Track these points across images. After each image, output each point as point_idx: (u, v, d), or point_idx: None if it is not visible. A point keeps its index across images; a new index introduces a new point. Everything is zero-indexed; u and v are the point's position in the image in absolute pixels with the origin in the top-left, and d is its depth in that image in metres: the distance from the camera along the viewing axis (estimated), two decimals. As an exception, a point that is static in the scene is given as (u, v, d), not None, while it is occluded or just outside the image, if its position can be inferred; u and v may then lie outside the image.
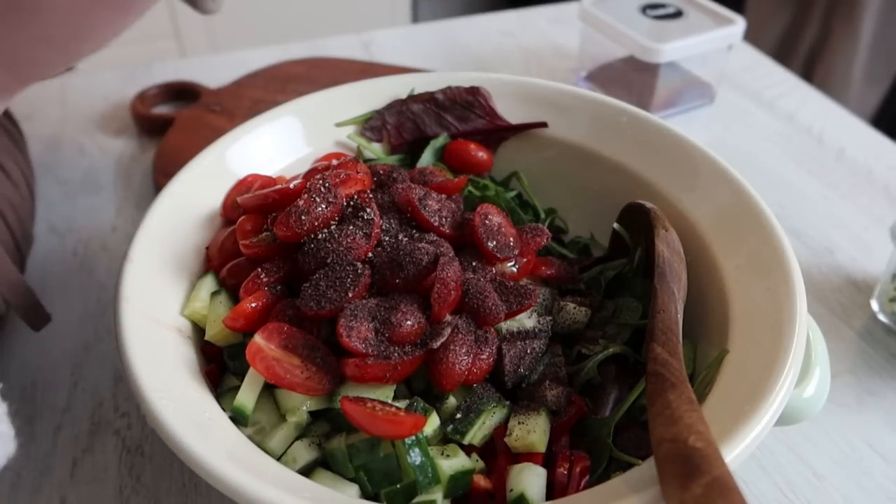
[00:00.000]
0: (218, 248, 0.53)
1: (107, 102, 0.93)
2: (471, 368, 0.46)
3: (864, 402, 0.60)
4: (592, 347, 0.51)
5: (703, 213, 0.54)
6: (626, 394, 0.47)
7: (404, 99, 0.63)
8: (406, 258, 0.47)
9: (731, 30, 0.88)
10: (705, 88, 0.95)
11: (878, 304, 0.67)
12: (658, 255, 0.49)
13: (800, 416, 0.45)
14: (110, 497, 0.53)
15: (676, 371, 0.42)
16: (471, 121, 0.63)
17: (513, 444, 0.45)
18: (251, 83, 0.92)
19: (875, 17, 1.69)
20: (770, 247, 0.48)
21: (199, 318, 0.50)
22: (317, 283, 0.46)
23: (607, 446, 0.45)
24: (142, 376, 0.41)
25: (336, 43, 1.06)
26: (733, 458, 0.37)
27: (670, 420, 0.37)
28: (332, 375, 0.45)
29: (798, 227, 0.77)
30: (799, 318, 0.44)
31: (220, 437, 0.41)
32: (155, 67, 1.00)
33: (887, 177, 0.84)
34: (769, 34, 1.82)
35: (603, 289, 0.55)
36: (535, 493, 0.42)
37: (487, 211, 0.52)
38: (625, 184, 0.59)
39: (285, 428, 0.45)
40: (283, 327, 0.45)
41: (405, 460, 0.42)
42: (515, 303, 0.48)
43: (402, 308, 0.45)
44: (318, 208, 0.49)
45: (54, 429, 0.57)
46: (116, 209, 0.78)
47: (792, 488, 0.54)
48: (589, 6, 0.91)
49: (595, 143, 0.61)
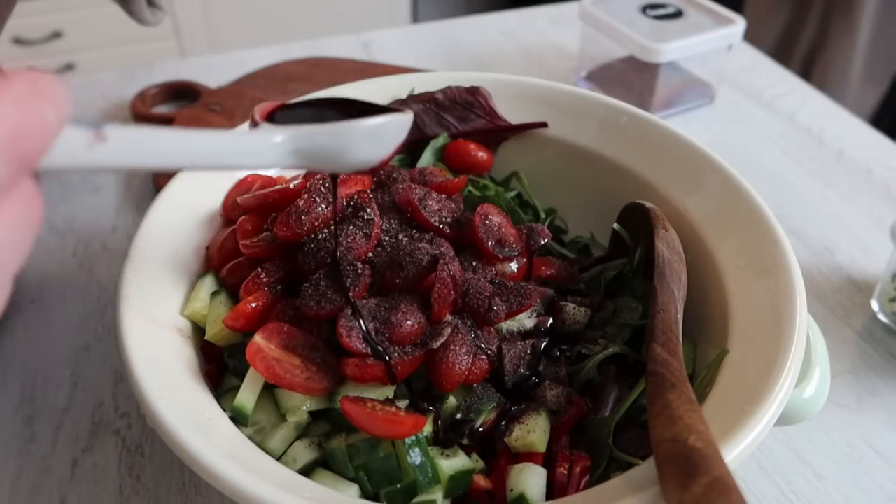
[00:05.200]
0: (218, 248, 0.53)
1: (107, 102, 0.93)
2: (471, 368, 0.46)
3: (864, 402, 0.60)
4: (592, 347, 0.51)
5: (703, 213, 0.54)
6: (626, 394, 0.47)
7: (404, 99, 0.63)
8: (406, 258, 0.47)
9: (730, 30, 0.88)
10: (705, 88, 0.95)
11: (878, 304, 0.67)
12: (658, 255, 0.49)
13: (800, 416, 0.45)
14: (110, 497, 0.53)
15: (676, 371, 0.42)
16: (471, 121, 0.63)
17: (513, 444, 0.45)
18: (251, 83, 0.92)
19: (873, 17, 1.69)
20: (770, 247, 0.48)
21: (199, 318, 0.50)
22: (317, 283, 0.46)
23: (607, 446, 0.45)
24: (142, 376, 0.41)
25: (336, 43, 1.06)
26: (733, 458, 0.37)
27: (670, 420, 0.37)
28: (332, 375, 0.45)
29: (798, 227, 0.77)
30: (799, 318, 0.44)
31: (220, 437, 0.41)
32: (155, 67, 1.00)
33: (887, 177, 0.84)
34: (767, 33, 1.82)
35: (603, 289, 0.55)
36: (535, 493, 0.42)
37: (487, 211, 0.52)
38: (625, 184, 0.59)
39: (285, 428, 0.45)
40: (283, 327, 0.45)
41: (405, 460, 0.42)
42: (515, 303, 0.48)
43: (402, 308, 0.45)
44: (318, 208, 0.49)
45: (54, 429, 0.57)
46: (116, 209, 0.78)
47: (792, 488, 0.54)
48: (589, 6, 0.91)
49: (595, 143, 0.61)
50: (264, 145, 0.35)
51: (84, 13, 1.91)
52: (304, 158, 0.36)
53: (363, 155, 0.38)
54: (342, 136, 0.37)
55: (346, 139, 0.37)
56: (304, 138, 0.36)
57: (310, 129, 0.36)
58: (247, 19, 2.12)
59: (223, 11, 2.08)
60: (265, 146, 0.35)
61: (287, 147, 0.36)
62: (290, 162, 0.36)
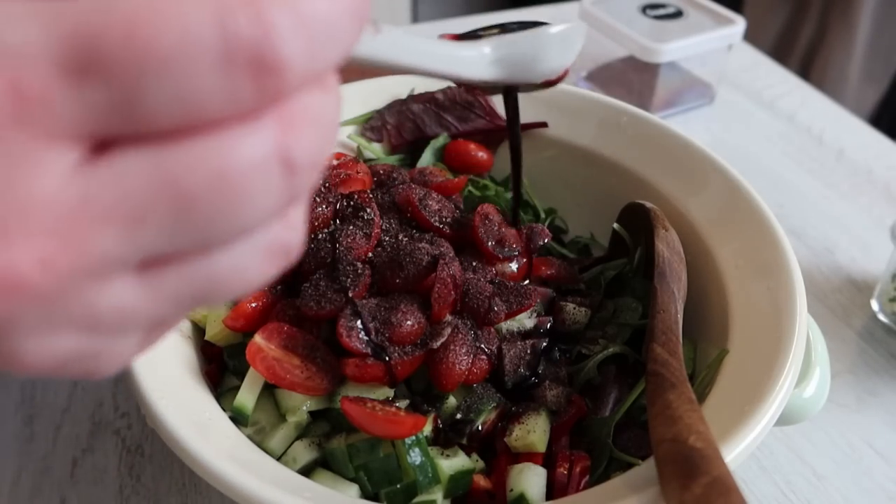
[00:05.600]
0: (218, 248, 0.53)
1: (107, 102, 0.93)
2: (471, 368, 0.46)
3: (864, 402, 0.60)
4: (592, 347, 0.51)
5: (703, 213, 0.54)
6: (626, 394, 0.47)
7: (404, 99, 0.63)
8: (406, 258, 0.47)
9: (730, 30, 0.88)
10: (705, 88, 0.95)
11: (878, 304, 0.67)
12: (658, 255, 0.49)
13: (800, 416, 0.45)
14: (110, 497, 0.53)
15: (676, 371, 0.42)
16: (471, 121, 0.63)
17: (513, 444, 0.45)
18: (251, 83, 0.92)
19: (872, 15, 1.69)
20: (770, 247, 0.48)
21: (199, 318, 0.50)
22: (317, 283, 0.46)
23: (607, 446, 0.45)
24: (142, 376, 0.41)
25: (336, 43, 1.06)
26: (733, 458, 0.37)
27: (670, 420, 0.37)
28: (332, 375, 0.45)
29: (798, 227, 0.77)
30: (799, 318, 0.44)
31: (220, 437, 0.41)
32: (155, 67, 1.00)
33: (887, 177, 0.84)
34: (766, 33, 1.82)
35: (603, 289, 0.55)
36: (535, 493, 0.42)
37: (487, 211, 0.52)
38: (625, 184, 0.59)
39: (285, 428, 0.45)
40: (283, 327, 0.45)
41: (405, 460, 0.42)
42: (515, 303, 0.48)
43: (402, 308, 0.45)
44: (318, 208, 0.49)
45: (54, 429, 0.57)
46: (116, 209, 0.77)
47: (792, 488, 0.54)
48: (589, 6, 0.91)
49: (595, 143, 0.61)
50: (477, 54, 0.39)
51: (84, 13, 1.90)
52: (505, 67, 0.40)
53: (554, 61, 0.42)
54: (538, 40, 0.41)
55: (542, 43, 0.41)
56: (506, 45, 0.40)
57: (510, 37, 0.40)
58: (247, 19, 2.12)
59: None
60: (478, 55, 0.39)
61: (493, 55, 0.39)
62: (492, 72, 0.40)
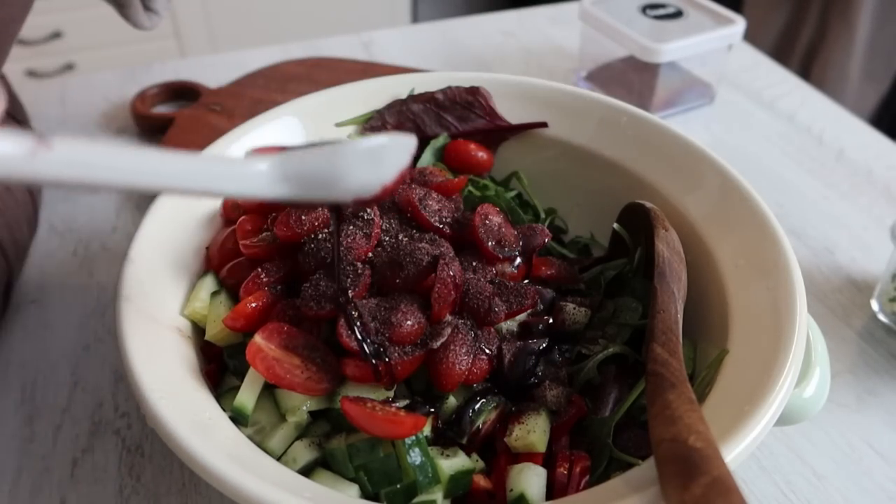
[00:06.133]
0: (218, 248, 0.53)
1: (107, 102, 0.93)
2: (471, 368, 0.46)
3: (864, 402, 0.60)
4: (592, 347, 0.51)
5: (703, 213, 0.54)
6: (626, 394, 0.47)
7: (404, 99, 0.63)
8: (406, 258, 0.47)
9: (730, 30, 0.88)
10: (705, 88, 0.95)
11: (878, 304, 0.67)
12: (658, 255, 0.49)
13: (800, 416, 0.45)
14: (110, 497, 0.53)
15: (676, 371, 0.42)
16: (471, 121, 0.63)
17: (513, 444, 0.45)
18: (251, 83, 0.92)
19: (871, 15, 1.69)
20: (770, 247, 0.48)
21: (199, 317, 0.50)
22: (317, 283, 0.46)
23: (607, 446, 0.45)
24: (142, 376, 0.41)
25: (336, 43, 1.06)
26: (733, 458, 0.37)
27: (670, 420, 0.37)
28: (332, 375, 0.45)
29: (798, 227, 0.77)
30: (799, 318, 0.44)
31: (220, 437, 0.41)
32: (155, 67, 1.00)
33: (887, 177, 0.84)
34: (766, 32, 1.82)
35: (603, 289, 0.55)
36: (535, 493, 0.42)
37: (487, 211, 0.52)
38: (625, 184, 0.59)
39: (285, 428, 0.45)
40: (283, 327, 0.45)
41: (405, 460, 0.42)
42: (515, 303, 0.48)
43: (402, 308, 0.45)
44: (319, 208, 0.49)
45: (54, 429, 0.57)
46: (116, 209, 0.78)
47: (792, 488, 0.54)
48: (589, 6, 0.91)
49: (595, 143, 0.61)
50: (247, 171, 0.33)
51: (84, 13, 1.90)
52: (295, 186, 0.34)
53: (361, 180, 0.36)
54: (335, 157, 0.35)
55: (341, 161, 0.35)
56: (293, 163, 0.34)
57: (299, 153, 0.34)
58: (247, 19, 2.12)
59: (223, 11, 2.08)
60: (248, 172, 0.33)
61: (275, 173, 0.33)
62: (280, 191, 0.34)
